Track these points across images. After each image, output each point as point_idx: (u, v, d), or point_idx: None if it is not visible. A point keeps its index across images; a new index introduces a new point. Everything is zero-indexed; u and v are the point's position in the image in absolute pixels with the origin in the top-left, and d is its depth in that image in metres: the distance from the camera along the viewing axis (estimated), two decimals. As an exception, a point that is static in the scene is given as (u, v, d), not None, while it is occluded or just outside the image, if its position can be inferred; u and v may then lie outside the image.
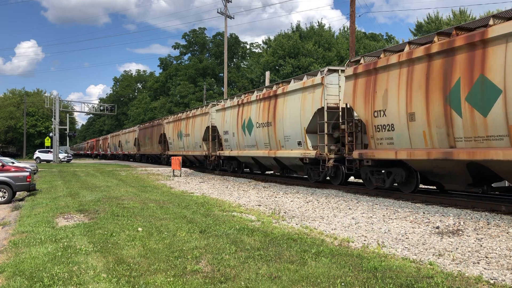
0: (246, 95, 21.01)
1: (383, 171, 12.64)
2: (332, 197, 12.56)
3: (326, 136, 14.60)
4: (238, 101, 21.24)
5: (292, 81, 16.88)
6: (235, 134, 21.26)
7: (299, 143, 15.86)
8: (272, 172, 21.71)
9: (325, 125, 14.57)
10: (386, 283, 4.75)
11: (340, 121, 14.44)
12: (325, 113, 14.53)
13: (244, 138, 20.37)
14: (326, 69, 14.90)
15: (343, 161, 14.13)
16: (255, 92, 19.98)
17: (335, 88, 14.64)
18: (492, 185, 10.60)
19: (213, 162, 25.03)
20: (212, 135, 24.75)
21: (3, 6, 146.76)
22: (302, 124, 15.60)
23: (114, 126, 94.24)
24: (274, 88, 18.05)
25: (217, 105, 24.39)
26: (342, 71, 14.48)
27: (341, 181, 14.60)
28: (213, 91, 67.42)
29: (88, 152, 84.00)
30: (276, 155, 17.50)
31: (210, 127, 24.92)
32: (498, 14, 9.37)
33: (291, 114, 16.31)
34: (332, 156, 14.47)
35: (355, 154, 13.11)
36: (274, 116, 17.45)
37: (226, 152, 22.64)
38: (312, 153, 15.04)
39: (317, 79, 14.89)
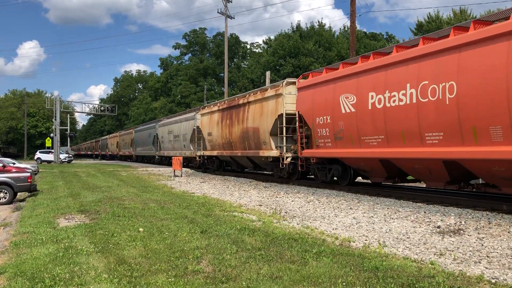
0: (173, 117, 35.33)
1: (214, 159, 25.13)
2: (333, 197, 12.55)
3: (196, 144, 26.75)
4: (169, 121, 35.02)
5: (187, 114, 31.00)
6: (165, 142, 35.27)
7: (188, 147, 28.90)
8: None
9: (196, 137, 26.68)
10: (388, 282, 4.75)
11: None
12: (196, 131, 26.84)
13: (168, 145, 34.34)
14: (200, 108, 27.38)
15: (201, 157, 26.24)
16: (182, 114, 33.05)
17: (199, 119, 26.47)
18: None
19: (157, 160, 39.38)
20: (156, 141, 38.83)
21: (4, 7, 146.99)
22: (188, 137, 28.85)
23: (115, 126, 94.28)
24: (180, 116, 32.56)
25: (159, 122, 39.10)
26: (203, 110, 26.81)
27: (203, 169, 26.96)
28: (214, 91, 67.35)
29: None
30: (181, 154, 29.10)
31: (155, 136, 38.94)
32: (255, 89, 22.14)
33: (185, 131, 29.77)
34: (198, 154, 26.41)
35: (199, 153, 26.08)
36: (180, 131, 30.87)
37: (163, 153, 36.41)
38: (188, 152, 28.75)
39: (195, 115, 27.65)
